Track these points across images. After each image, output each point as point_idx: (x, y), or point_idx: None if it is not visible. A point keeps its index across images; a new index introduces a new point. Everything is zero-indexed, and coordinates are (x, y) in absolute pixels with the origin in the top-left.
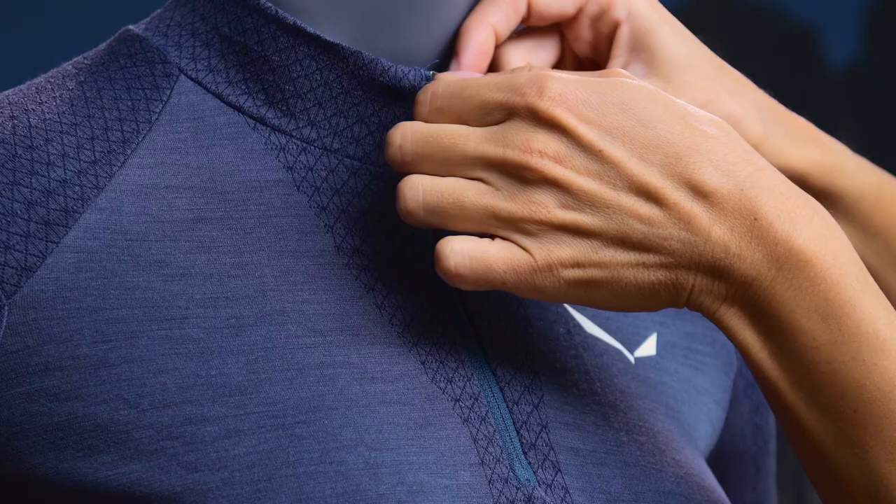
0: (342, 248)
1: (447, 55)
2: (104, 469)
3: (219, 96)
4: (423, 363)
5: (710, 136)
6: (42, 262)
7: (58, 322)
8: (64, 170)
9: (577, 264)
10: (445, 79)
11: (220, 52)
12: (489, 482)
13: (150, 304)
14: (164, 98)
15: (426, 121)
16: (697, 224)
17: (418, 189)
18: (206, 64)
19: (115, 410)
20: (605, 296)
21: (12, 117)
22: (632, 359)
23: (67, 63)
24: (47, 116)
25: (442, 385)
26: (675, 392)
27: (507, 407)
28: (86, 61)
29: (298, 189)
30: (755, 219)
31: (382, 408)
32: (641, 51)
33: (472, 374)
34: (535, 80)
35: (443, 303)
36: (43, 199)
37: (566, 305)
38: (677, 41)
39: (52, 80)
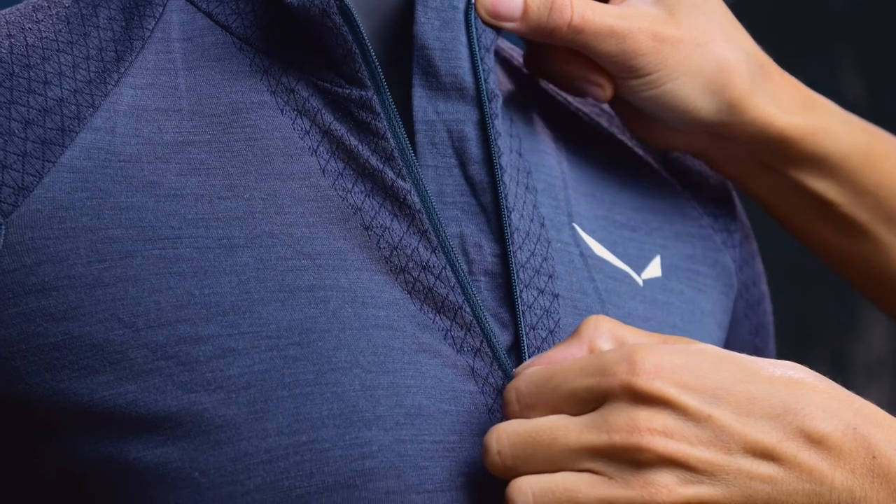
0: (327, 170)
1: None
2: (100, 389)
3: (209, 15)
4: (410, 291)
5: (807, 383)
6: (39, 181)
7: (54, 241)
8: (60, 88)
9: None
10: (526, 373)
11: None
12: (489, 411)
13: (144, 223)
14: (157, 15)
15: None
16: (820, 474)
17: (528, 494)
18: None
19: (110, 330)
20: None
21: (9, 36)
22: (640, 281)
23: None
24: (44, 35)
25: (430, 316)
26: (682, 312)
27: (518, 330)
28: None
29: (282, 112)
30: (873, 457)
31: (376, 332)
32: None
33: (463, 303)
34: (624, 357)
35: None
36: (40, 118)
37: (576, 226)
38: None
39: None
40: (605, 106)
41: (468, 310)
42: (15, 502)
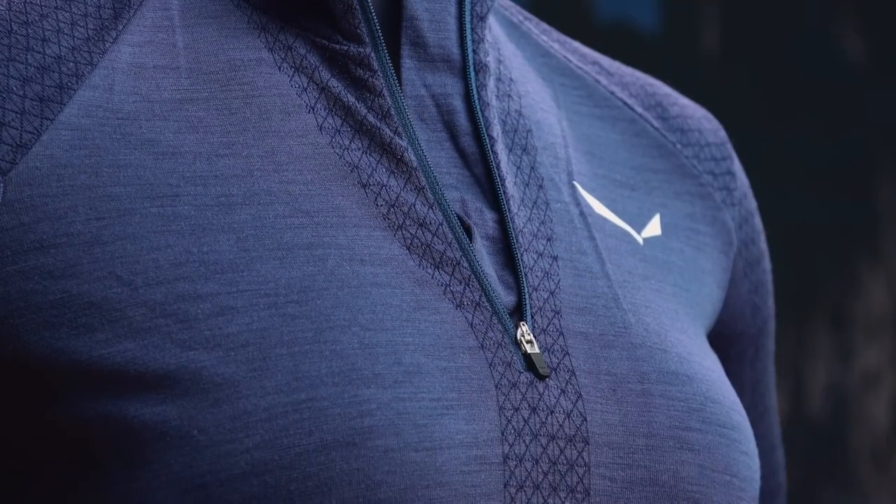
0: (324, 127)
1: None
2: (98, 347)
3: None
4: (408, 247)
5: None
6: (37, 139)
7: (52, 199)
8: (59, 46)
9: None
10: None
11: None
12: (490, 365)
13: (143, 181)
14: None
15: None
16: None
17: None
18: None
19: (109, 288)
20: None
21: None
22: (640, 239)
23: None
24: None
25: (429, 271)
26: (682, 271)
27: (521, 291)
28: None
29: (279, 69)
30: None
31: (374, 289)
32: None
33: (461, 259)
34: None
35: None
36: (38, 75)
37: (577, 184)
38: None
39: None
40: (606, 65)
41: (466, 265)
42: (15, 469)
